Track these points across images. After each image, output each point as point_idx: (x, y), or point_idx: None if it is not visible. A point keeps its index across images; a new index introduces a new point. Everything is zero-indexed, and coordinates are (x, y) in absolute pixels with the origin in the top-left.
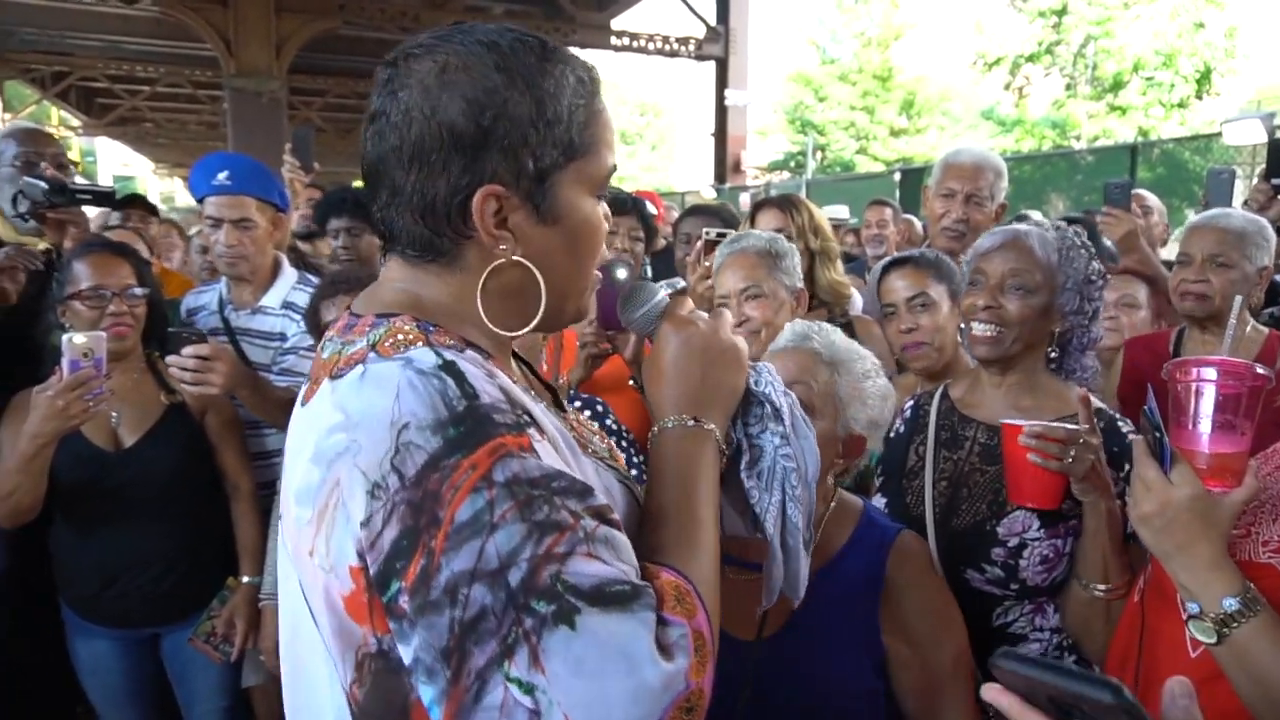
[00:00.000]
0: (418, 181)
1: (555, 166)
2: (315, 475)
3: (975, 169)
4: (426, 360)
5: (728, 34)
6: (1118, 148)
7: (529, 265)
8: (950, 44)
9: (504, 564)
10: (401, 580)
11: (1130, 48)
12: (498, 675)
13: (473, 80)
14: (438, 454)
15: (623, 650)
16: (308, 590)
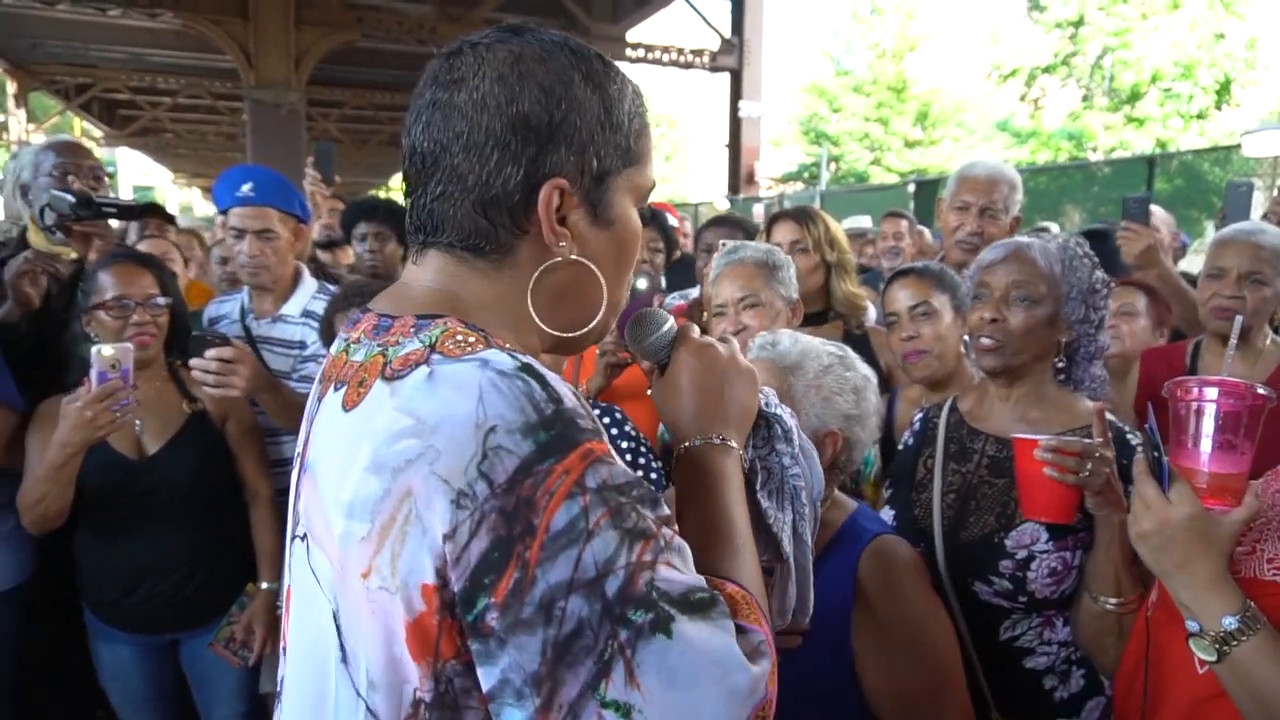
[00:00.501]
0: (484, 169)
1: (613, 170)
2: (375, 486)
3: (989, 182)
4: (505, 362)
5: (742, 46)
6: (1135, 159)
7: (588, 264)
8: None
9: (601, 573)
10: (491, 596)
11: (1148, 59)
12: (592, 703)
13: (549, 72)
14: (530, 459)
15: (715, 658)
16: (348, 620)
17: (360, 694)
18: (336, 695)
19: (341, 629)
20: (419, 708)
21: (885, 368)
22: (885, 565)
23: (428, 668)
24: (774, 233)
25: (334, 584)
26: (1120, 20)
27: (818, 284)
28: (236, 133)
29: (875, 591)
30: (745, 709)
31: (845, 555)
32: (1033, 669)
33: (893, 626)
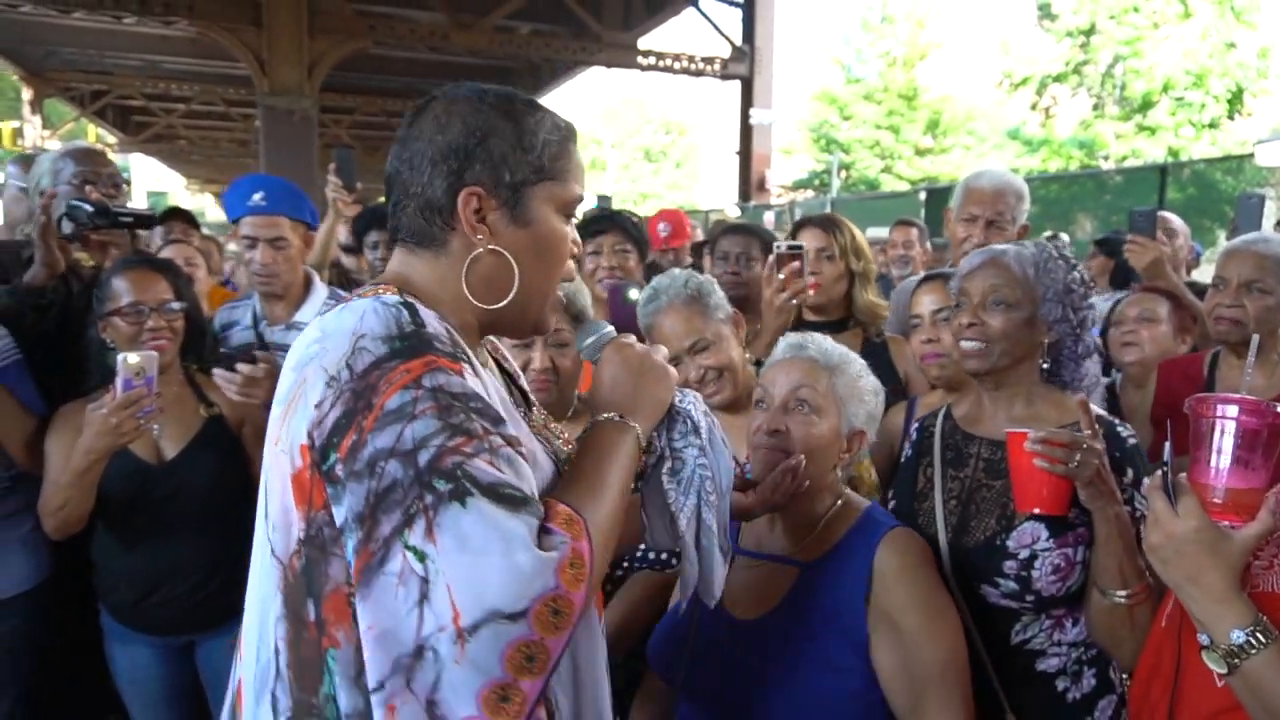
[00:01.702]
0: (421, 183)
1: (528, 182)
2: (290, 378)
3: (995, 193)
4: (391, 298)
5: (753, 54)
6: (1147, 168)
7: (503, 253)
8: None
9: (416, 446)
10: (337, 452)
11: (1160, 67)
12: (398, 544)
13: (472, 111)
14: (382, 358)
15: (503, 534)
16: (267, 482)
17: (269, 537)
18: (263, 545)
19: (266, 492)
20: (300, 546)
21: (904, 376)
22: (900, 553)
23: (304, 513)
24: (801, 238)
25: (267, 459)
26: (1132, 29)
27: (841, 292)
28: (249, 139)
29: (890, 579)
30: (530, 588)
31: (862, 546)
32: (1044, 671)
33: (904, 612)
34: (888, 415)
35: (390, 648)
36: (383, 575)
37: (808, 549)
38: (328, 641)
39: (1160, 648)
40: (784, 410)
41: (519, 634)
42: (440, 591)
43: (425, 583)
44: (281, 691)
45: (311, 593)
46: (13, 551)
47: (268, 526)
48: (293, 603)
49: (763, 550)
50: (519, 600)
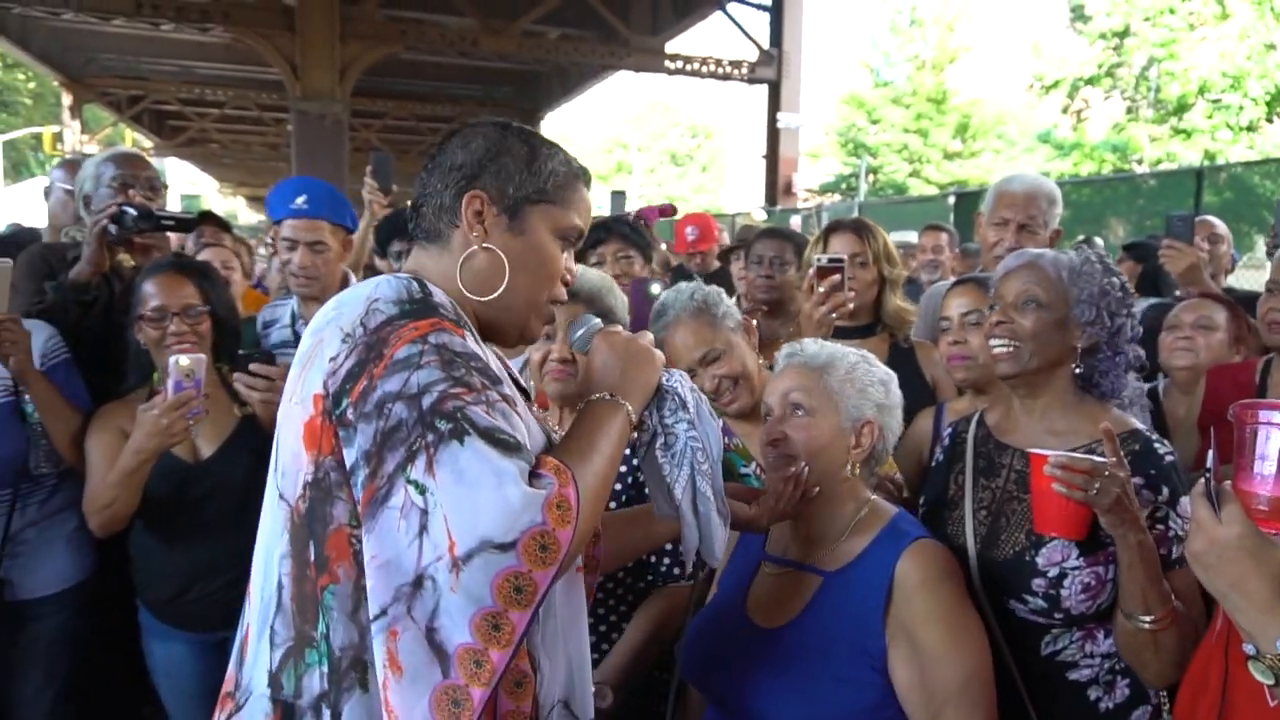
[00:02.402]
0: (437, 188)
1: (529, 199)
2: (309, 342)
3: (1027, 197)
4: (403, 274)
5: (780, 57)
6: (1183, 171)
7: (495, 250)
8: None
9: (420, 391)
10: (349, 397)
11: (1196, 70)
12: (401, 479)
13: (495, 135)
14: (393, 316)
15: (496, 470)
16: (279, 436)
17: (276, 483)
18: (268, 493)
19: (278, 444)
20: (306, 488)
21: (931, 380)
22: (922, 566)
23: (313, 457)
24: (831, 243)
25: (280, 419)
26: (1167, 31)
27: (871, 297)
28: (281, 143)
29: (910, 591)
30: (519, 521)
31: (884, 556)
32: (1076, 681)
33: (926, 626)
34: (915, 420)
35: (393, 577)
36: (387, 509)
37: (832, 557)
38: (327, 578)
39: (1208, 662)
40: (780, 419)
41: (508, 564)
42: (438, 522)
43: (425, 514)
44: (281, 624)
45: (314, 533)
46: (58, 549)
47: (277, 474)
48: (297, 542)
49: (788, 557)
50: (509, 531)
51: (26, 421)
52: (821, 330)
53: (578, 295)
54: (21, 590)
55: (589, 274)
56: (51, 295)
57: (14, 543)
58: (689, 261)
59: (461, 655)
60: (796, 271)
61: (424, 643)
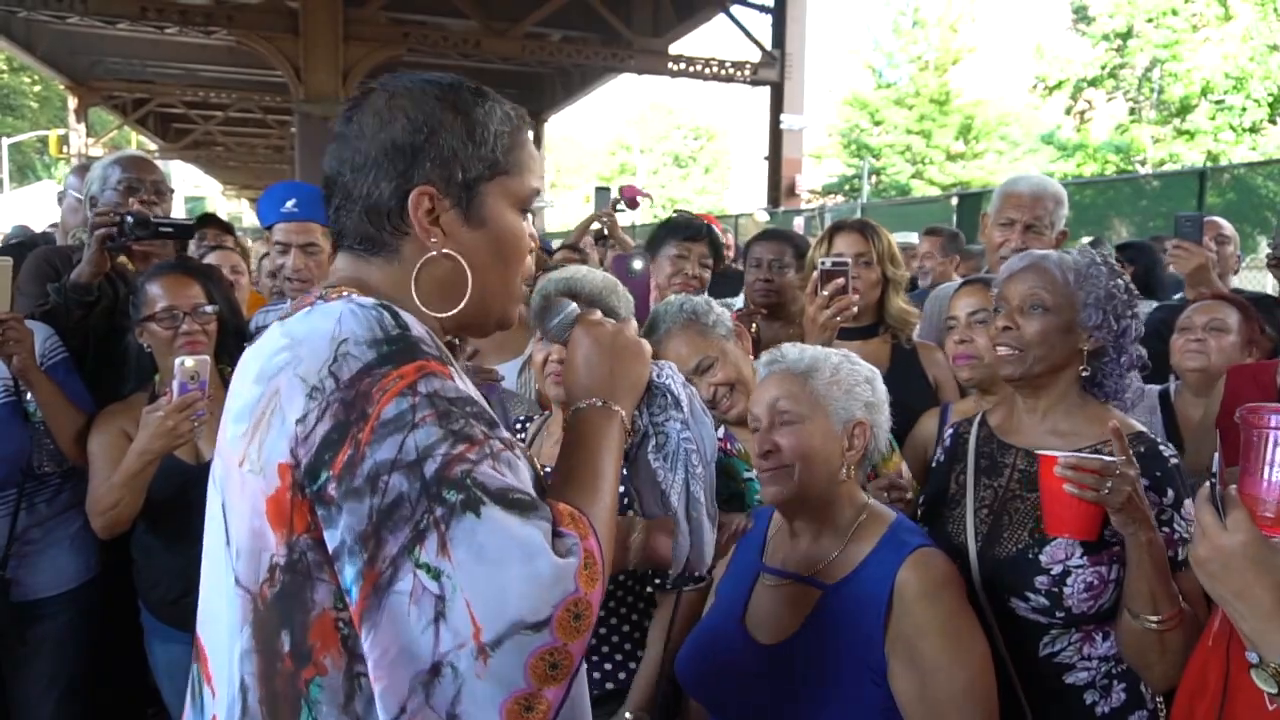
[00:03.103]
0: (365, 185)
1: (481, 178)
2: (256, 391)
3: (1034, 198)
4: (366, 300)
5: (783, 59)
6: (1186, 172)
7: (457, 257)
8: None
9: (421, 456)
10: (330, 469)
11: (1199, 71)
12: (408, 562)
13: (415, 104)
14: (371, 363)
15: (520, 542)
16: (230, 506)
17: (232, 566)
18: (223, 573)
19: (226, 516)
20: (274, 571)
21: (934, 381)
22: (923, 576)
23: (283, 537)
24: (836, 242)
25: (223, 481)
26: (1170, 32)
27: (875, 298)
28: (285, 145)
29: (911, 601)
30: (551, 595)
31: (884, 566)
32: (1073, 684)
33: (926, 637)
34: (920, 421)
35: (407, 666)
36: (393, 595)
37: (831, 568)
38: (311, 670)
39: (1205, 667)
40: (769, 428)
41: (542, 643)
42: (458, 607)
43: (441, 600)
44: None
45: (288, 622)
46: (62, 550)
47: (229, 554)
48: (264, 634)
49: (787, 568)
50: (542, 609)
51: (29, 421)
52: (825, 334)
53: (579, 297)
54: (28, 590)
55: (592, 274)
56: (54, 297)
57: (20, 542)
58: None
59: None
60: (796, 274)
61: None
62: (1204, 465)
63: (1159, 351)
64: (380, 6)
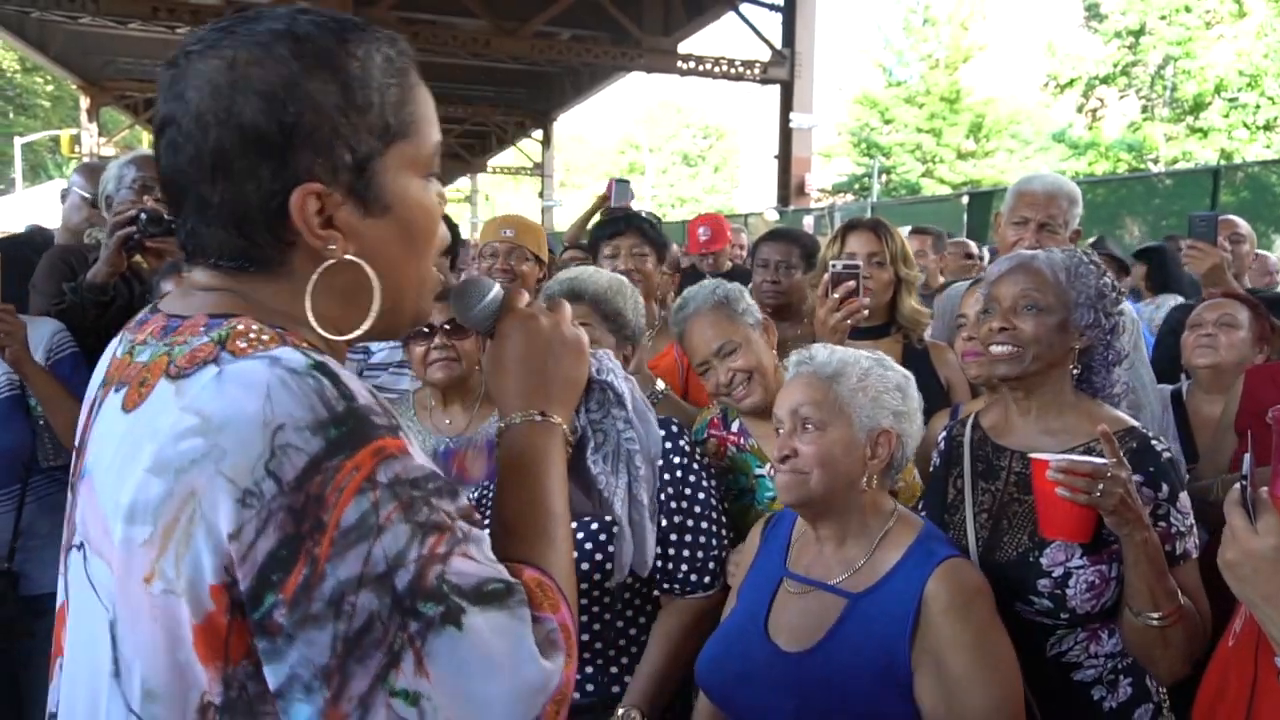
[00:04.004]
0: (225, 192)
1: (375, 153)
2: (158, 487)
3: (1048, 197)
4: (296, 360)
5: (793, 57)
6: (1199, 171)
7: (361, 264)
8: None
9: (391, 567)
10: (279, 593)
11: (1212, 68)
12: (380, 695)
13: (267, 73)
14: (319, 456)
15: (507, 650)
16: (125, 628)
17: (133, 709)
18: (107, 712)
19: (117, 640)
20: (207, 712)
21: (945, 382)
22: (953, 589)
23: (217, 671)
24: (849, 242)
25: (113, 592)
26: (1183, 29)
27: (887, 298)
28: None
29: (939, 613)
30: (538, 702)
31: (912, 576)
32: (1081, 681)
33: (954, 651)
34: (930, 423)
35: None
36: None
37: (857, 577)
38: None
39: (1227, 670)
40: (791, 433)
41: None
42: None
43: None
44: None
45: None
46: None
47: (123, 693)
48: None
49: (811, 574)
50: (530, 713)
51: (31, 415)
52: (836, 337)
53: (582, 296)
54: (36, 584)
55: (599, 274)
56: (70, 296)
57: (26, 536)
58: (701, 262)
59: None
60: (804, 274)
61: None
62: (1221, 466)
63: (1178, 351)
64: (390, 6)
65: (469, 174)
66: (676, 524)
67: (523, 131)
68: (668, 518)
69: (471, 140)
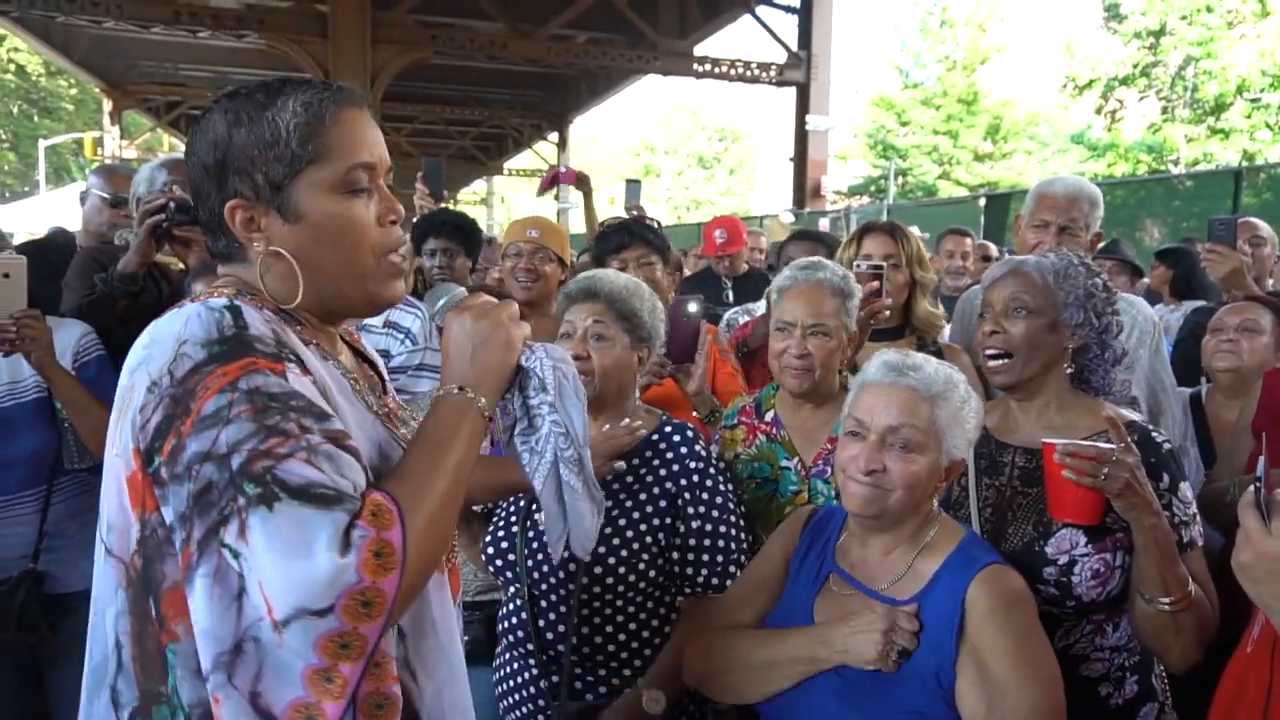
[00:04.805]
0: (202, 206)
1: (285, 177)
2: (124, 382)
3: (1069, 200)
4: (217, 302)
5: (809, 60)
6: (1221, 172)
7: (284, 254)
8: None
9: (229, 450)
10: (160, 455)
11: (1234, 68)
12: (214, 542)
13: (212, 127)
14: (201, 362)
15: (304, 540)
16: (103, 485)
17: (103, 538)
18: (96, 546)
19: (103, 494)
20: (140, 544)
21: None
22: (993, 593)
23: (138, 514)
24: (865, 244)
25: (105, 464)
26: (1204, 29)
27: (902, 300)
28: None
29: (980, 619)
30: (328, 591)
31: (954, 583)
32: (1087, 676)
33: (996, 656)
34: None
35: (211, 644)
36: (200, 574)
37: (902, 585)
38: (167, 637)
39: (1245, 675)
40: (881, 447)
41: (329, 627)
42: (254, 587)
43: (241, 578)
44: (125, 684)
45: (150, 591)
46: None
47: (103, 527)
48: (137, 600)
49: (856, 577)
50: (323, 598)
51: (57, 417)
52: (858, 336)
53: (597, 295)
54: (61, 583)
55: (617, 276)
56: (100, 287)
57: (52, 536)
58: (717, 264)
59: (291, 714)
60: None
61: (248, 710)
62: (1238, 468)
63: (1196, 354)
64: (408, 9)
65: (485, 176)
66: (695, 529)
67: (539, 134)
68: (685, 522)
69: (488, 143)
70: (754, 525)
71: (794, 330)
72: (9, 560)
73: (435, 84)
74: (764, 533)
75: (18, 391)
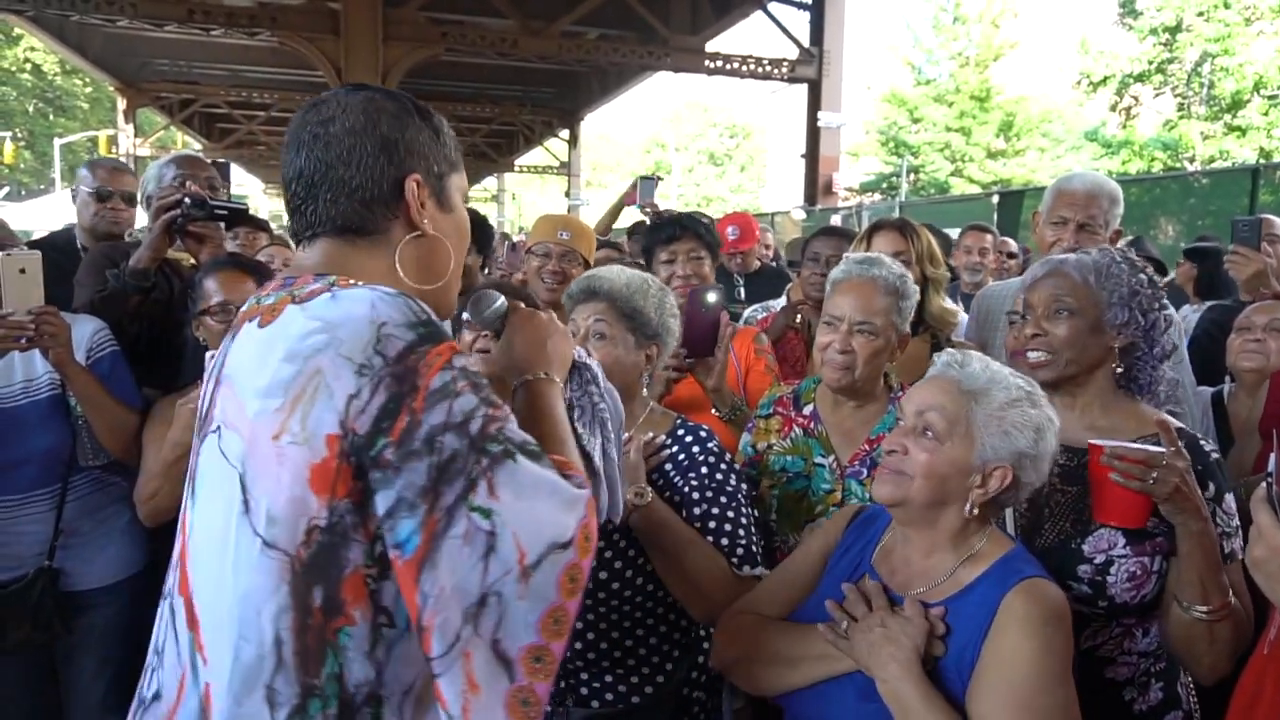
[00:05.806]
0: (362, 176)
1: (446, 173)
2: (289, 370)
3: (1088, 196)
4: (388, 289)
5: (821, 56)
6: (1238, 170)
7: (440, 236)
8: (1053, 64)
9: (466, 418)
10: (388, 436)
11: (1251, 65)
12: (463, 509)
13: (391, 109)
14: (413, 342)
15: (546, 479)
16: (253, 477)
17: (258, 532)
18: (236, 541)
19: (246, 486)
20: (312, 533)
21: None
22: (1027, 603)
23: (325, 501)
24: (874, 242)
25: (243, 454)
26: (1221, 25)
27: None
28: None
29: (1008, 625)
30: (573, 518)
31: (991, 592)
32: (1112, 679)
33: (1012, 666)
34: None
35: (459, 602)
36: (449, 540)
37: (938, 590)
38: (341, 621)
39: (1262, 676)
40: (908, 431)
41: (568, 559)
42: (506, 540)
43: (492, 535)
44: (284, 681)
45: (323, 579)
46: (114, 540)
47: (259, 522)
48: (300, 592)
49: (894, 579)
50: (567, 530)
51: (71, 415)
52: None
53: (597, 294)
54: (76, 580)
55: (619, 273)
56: (112, 282)
57: (67, 534)
58: (729, 261)
59: (523, 658)
60: None
61: (491, 656)
62: (1245, 466)
63: (1211, 353)
64: (419, 6)
65: (496, 173)
66: (701, 512)
67: (550, 131)
68: (688, 509)
69: (499, 139)
70: (783, 524)
71: (840, 325)
72: (24, 557)
73: (446, 81)
74: (792, 532)
75: (32, 389)
